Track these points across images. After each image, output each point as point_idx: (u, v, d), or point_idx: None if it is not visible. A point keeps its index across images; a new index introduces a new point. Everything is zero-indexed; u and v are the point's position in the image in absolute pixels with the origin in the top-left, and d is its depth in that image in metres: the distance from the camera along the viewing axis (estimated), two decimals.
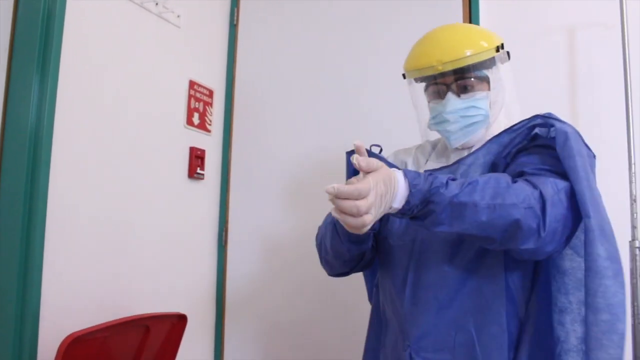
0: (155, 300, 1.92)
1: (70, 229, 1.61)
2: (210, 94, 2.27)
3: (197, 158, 2.16)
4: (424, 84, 1.29)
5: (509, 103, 1.30)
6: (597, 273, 0.98)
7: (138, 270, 1.86)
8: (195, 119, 2.17)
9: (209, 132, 2.25)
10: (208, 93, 2.26)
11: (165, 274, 2.00)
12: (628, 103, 1.67)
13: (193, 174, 2.13)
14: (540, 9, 1.96)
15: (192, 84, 2.16)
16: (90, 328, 1.44)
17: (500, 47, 1.24)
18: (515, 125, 1.16)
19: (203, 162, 2.20)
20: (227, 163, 2.34)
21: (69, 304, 1.58)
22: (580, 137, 1.09)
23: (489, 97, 1.23)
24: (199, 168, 2.17)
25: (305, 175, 2.20)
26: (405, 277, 1.20)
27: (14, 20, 1.58)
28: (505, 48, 1.27)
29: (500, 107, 1.27)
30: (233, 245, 2.30)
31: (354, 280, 1.55)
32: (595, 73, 1.85)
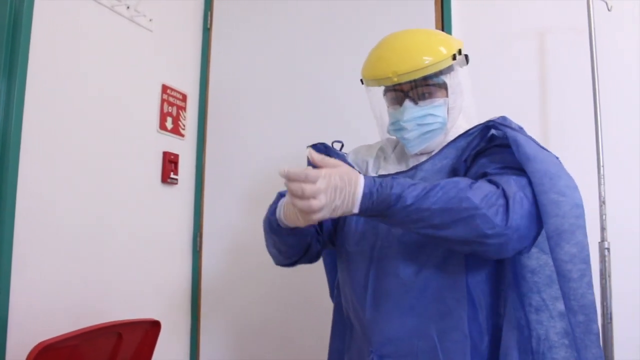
0: (129, 306, 1.90)
1: (40, 234, 1.58)
2: (184, 98, 2.26)
3: (170, 163, 2.14)
4: (382, 89, 1.29)
5: (468, 106, 1.29)
6: (563, 277, 1.00)
7: (111, 276, 1.84)
8: (169, 124, 2.15)
9: (183, 136, 2.24)
10: (181, 97, 2.24)
11: (139, 280, 1.97)
12: (596, 106, 1.70)
13: (167, 179, 2.12)
14: (511, 13, 1.99)
15: (165, 88, 2.14)
16: (61, 336, 1.41)
17: (458, 52, 1.23)
18: (471, 130, 1.16)
19: (177, 166, 2.18)
20: (201, 167, 2.33)
21: (39, 310, 1.55)
22: (533, 141, 1.07)
23: (447, 103, 1.23)
24: (173, 173, 2.15)
25: (280, 179, 2.18)
26: (366, 284, 1.20)
27: None
28: (465, 51, 1.26)
29: (459, 111, 1.26)
30: (208, 250, 2.29)
31: (325, 281, 1.56)
32: (565, 76, 1.89)
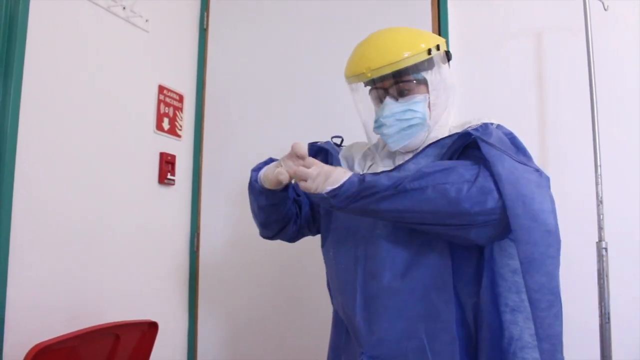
0: (126, 307, 1.89)
1: (37, 235, 1.58)
2: (180, 99, 2.25)
3: (167, 163, 2.13)
4: (369, 88, 1.31)
5: (452, 104, 1.29)
6: (532, 304, 1.01)
7: (108, 277, 1.83)
8: (165, 124, 2.15)
9: (179, 137, 2.23)
10: (178, 98, 2.23)
11: (136, 280, 1.97)
12: (593, 106, 1.70)
13: (163, 180, 2.11)
14: (508, 13, 1.99)
15: (161, 89, 2.13)
16: (58, 337, 1.41)
17: (437, 48, 1.23)
18: (454, 134, 1.16)
19: (174, 167, 2.17)
20: (198, 168, 2.32)
21: (36, 312, 1.55)
22: (508, 156, 1.06)
23: (427, 99, 1.23)
24: (170, 173, 2.14)
25: None
26: (354, 285, 1.21)
27: None
28: (444, 48, 1.27)
29: (444, 108, 1.26)
30: (205, 251, 2.29)
31: (323, 280, 1.55)
32: (561, 76, 1.89)
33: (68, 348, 1.45)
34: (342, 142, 1.44)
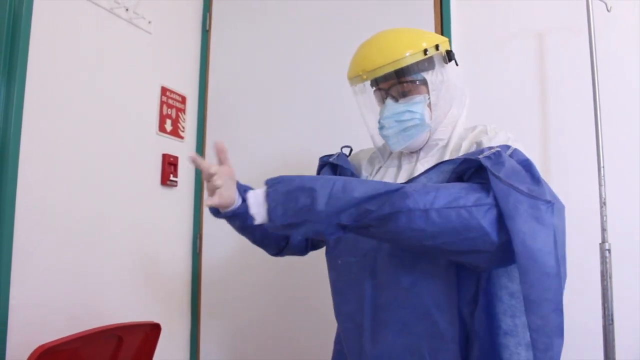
0: (129, 309, 1.89)
1: (40, 236, 1.58)
2: (183, 100, 2.25)
3: (170, 165, 2.13)
4: (373, 90, 1.31)
5: (460, 104, 1.28)
6: (531, 341, 0.97)
7: (111, 278, 1.83)
8: (168, 126, 2.15)
9: (182, 138, 2.23)
10: (180, 99, 2.24)
11: (139, 282, 1.97)
12: (596, 107, 1.70)
13: (166, 181, 2.11)
14: (510, 14, 1.99)
15: (164, 90, 2.14)
16: (61, 339, 1.41)
17: (435, 48, 1.23)
18: (458, 157, 1.11)
19: (176, 168, 2.18)
20: (200, 170, 2.31)
21: (39, 313, 1.55)
22: (515, 192, 0.96)
23: (427, 100, 1.23)
24: (172, 175, 2.15)
25: None
26: (362, 295, 1.19)
27: None
28: (446, 47, 1.26)
29: (448, 108, 1.25)
30: (207, 253, 2.29)
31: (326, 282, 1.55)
32: (564, 77, 1.88)
33: (71, 349, 1.45)
34: (351, 151, 1.43)
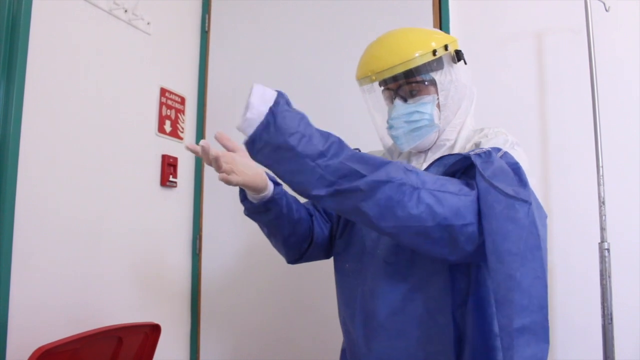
0: (129, 310, 1.89)
1: (40, 237, 1.58)
2: (182, 101, 2.26)
3: (169, 166, 2.13)
4: (381, 89, 1.30)
5: (467, 105, 1.28)
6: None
7: (111, 279, 1.83)
8: (167, 127, 2.15)
9: (181, 139, 2.24)
10: (180, 100, 2.24)
11: (139, 283, 1.97)
12: (595, 107, 1.70)
13: (165, 182, 2.11)
14: (509, 14, 1.99)
15: (163, 91, 2.14)
16: (61, 340, 1.41)
17: (444, 48, 1.22)
18: (458, 154, 1.08)
19: (176, 169, 2.18)
20: (200, 170, 2.32)
21: (39, 314, 1.55)
22: (495, 191, 0.94)
23: (436, 100, 1.23)
24: (172, 176, 2.15)
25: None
26: (355, 302, 1.20)
27: None
28: (455, 47, 1.26)
29: (457, 109, 1.25)
30: (207, 253, 2.29)
31: (328, 284, 1.55)
32: (563, 77, 1.89)
33: (71, 351, 1.45)
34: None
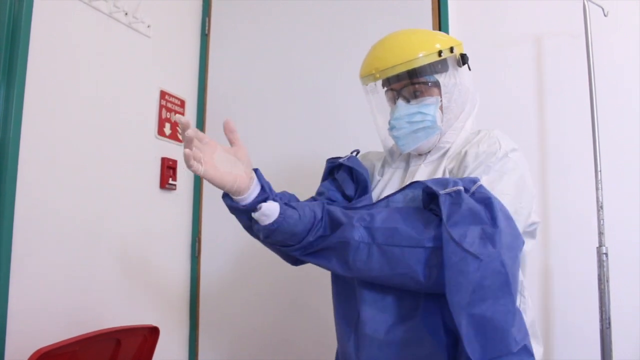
0: (127, 312, 1.89)
1: (39, 240, 1.58)
2: (182, 104, 2.26)
3: (169, 168, 2.14)
4: (384, 90, 1.30)
5: (471, 108, 1.27)
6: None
7: (110, 282, 1.84)
8: (167, 129, 2.15)
9: (181, 142, 2.22)
10: (179, 103, 2.24)
11: (138, 285, 1.97)
12: (593, 111, 1.70)
13: (165, 185, 2.12)
14: (508, 18, 2.00)
15: (163, 94, 2.14)
16: (60, 343, 1.42)
17: (450, 50, 1.22)
18: (433, 182, 1.08)
19: (175, 172, 2.18)
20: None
21: (37, 317, 1.55)
22: (453, 244, 0.95)
23: (439, 102, 1.22)
24: (171, 178, 2.15)
25: (278, 184, 2.18)
26: (350, 321, 1.18)
27: None
28: (460, 50, 1.25)
29: (460, 112, 1.25)
30: (206, 256, 2.29)
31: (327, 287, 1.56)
32: (561, 81, 1.89)
33: (69, 353, 1.45)
34: (357, 154, 1.38)
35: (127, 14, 1.95)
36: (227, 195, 1.14)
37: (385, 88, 1.29)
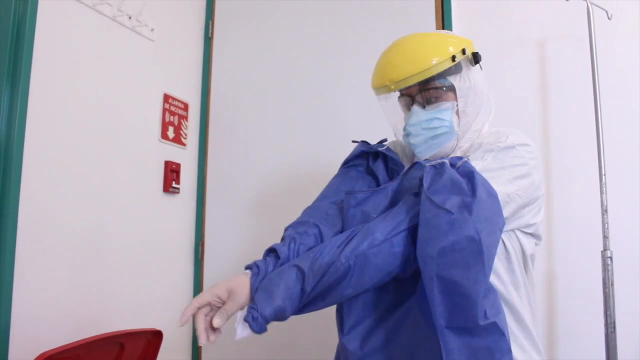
0: (131, 316, 1.89)
1: (42, 244, 1.58)
2: (185, 108, 2.26)
3: (172, 172, 2.14)
4: (398, 95, 1.27)
5: (487, 109, 1.26)
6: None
7: (113, 286, 1.84)
8: (170, 133, 2.15)
9: (184, 145, 2.24)
10: (183, 106, 2.24)
11: (141, 289, 1.97)
12: (597, 114, 1.70)
13: (168, 188, 2.12)
14: (512, 22, 2.00)
15: (166, 98, 2.14)
16: (63, 346, 1.41)
17: (462, 52, 1.20)
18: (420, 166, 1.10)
19: (178, 176, 2.18)
20: (202, 177, 2.33)
21: (41, 321, 1.55)
22: (429, 203, 0.97)
23: (455, 106, 1.20)
24: (175, 182, 2.15)
25: (282, 189, 2.19)
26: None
27: None
28: (472, 50, 1.23)
29: (476, 115, 1.22)
30: (209, 260, 2.29)
31: None
32: (566, 84, 1.88)
33: (73, 357, 1.45)
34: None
35: (130, 18, 1.95)
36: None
37: (399, 94, 1.26)
